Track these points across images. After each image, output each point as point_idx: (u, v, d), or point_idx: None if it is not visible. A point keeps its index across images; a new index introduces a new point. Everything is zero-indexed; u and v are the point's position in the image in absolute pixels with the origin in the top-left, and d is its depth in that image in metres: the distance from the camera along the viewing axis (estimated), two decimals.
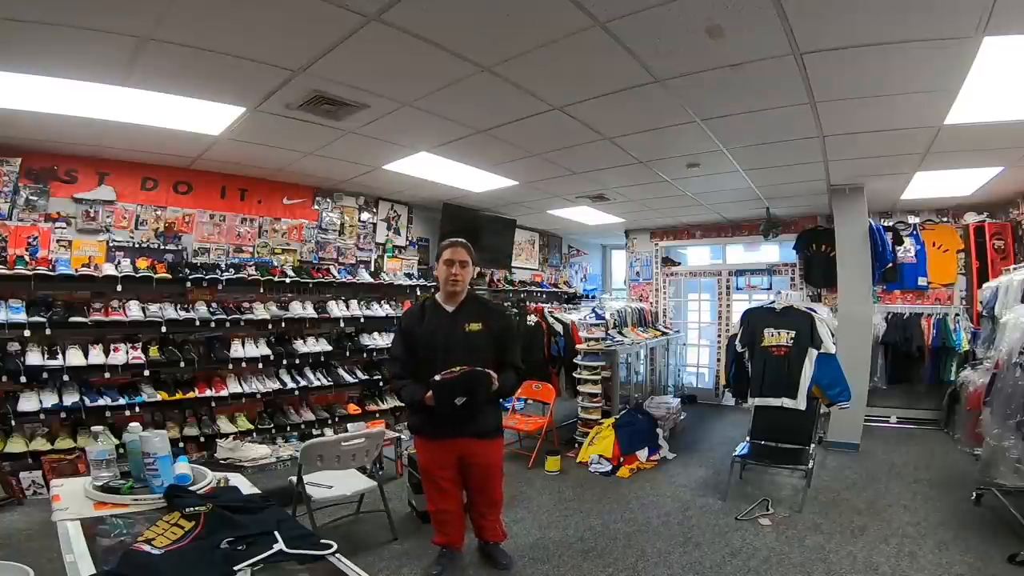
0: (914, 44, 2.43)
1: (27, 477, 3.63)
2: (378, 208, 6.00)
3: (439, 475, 2.68)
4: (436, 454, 2.67)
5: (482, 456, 2.67)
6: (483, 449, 2.66)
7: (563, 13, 2.23)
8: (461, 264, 2.64)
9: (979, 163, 4.38)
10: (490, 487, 2.76)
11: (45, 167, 3.95)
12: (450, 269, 2.62)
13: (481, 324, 2.65)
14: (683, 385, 7.75)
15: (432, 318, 2.67)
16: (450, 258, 2.63)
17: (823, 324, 3.90)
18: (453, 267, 2.62)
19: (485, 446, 2.67)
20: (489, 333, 2.66)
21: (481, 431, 2.64)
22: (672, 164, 4.57)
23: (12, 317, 3.53)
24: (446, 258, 2.64)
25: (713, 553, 3.05)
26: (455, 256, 2.63)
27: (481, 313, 2.70)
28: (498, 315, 2.82)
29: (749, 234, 7.39)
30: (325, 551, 1.43)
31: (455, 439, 2.60)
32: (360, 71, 2.82)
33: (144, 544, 1.36)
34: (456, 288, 2.65)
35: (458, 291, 2.67)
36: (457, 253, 2.64)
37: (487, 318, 2.69)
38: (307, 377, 4.92)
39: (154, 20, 2.25)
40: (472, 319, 2.65)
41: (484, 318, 2.68)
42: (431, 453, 2.69)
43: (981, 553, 2.93)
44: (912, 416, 6.05)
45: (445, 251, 2.66)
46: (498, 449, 2.78)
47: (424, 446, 2.72)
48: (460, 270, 2.63)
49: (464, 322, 2.64)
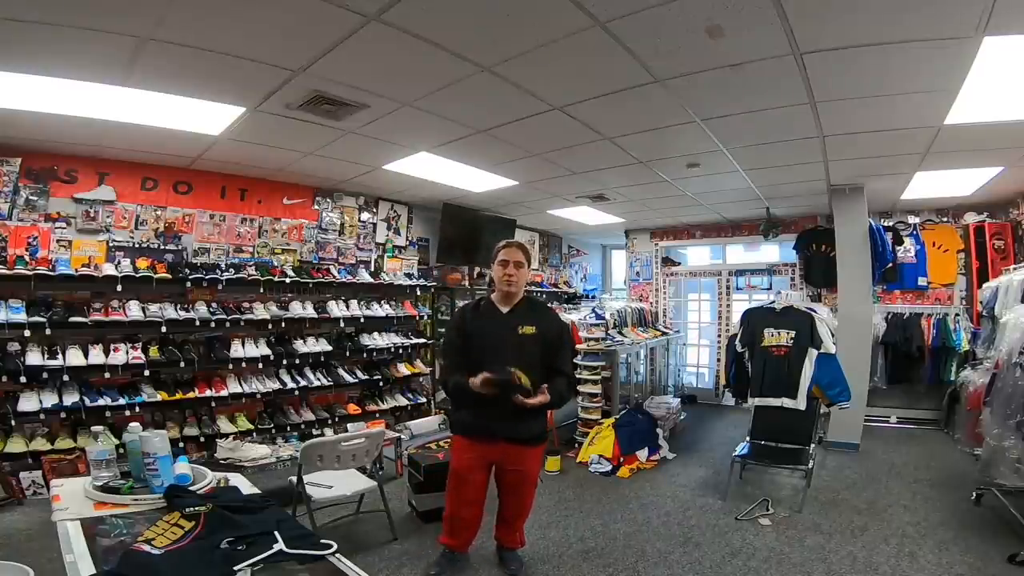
0: (914, 44, 2.43)
1: (27, 477, 3.63)
2: (378, 208, 6.00)
3: (470, 479, 2.60)
4: (472, 456, 2.58)
5: (520, 462, 2.61)
6: (523, 455, 2.60)
7: (563, 13, 2.23)
8: (516, 265, 2.59)
9: (979, 163, 4.38)
10: (522, 493, 2.71)
11: (45, 167, 3.95)
12: (505, 270, 2.58)
13: (535, 328, 2.58)
14: (683, 385, 7.75)
15: (486, 317, 2.63)
16: (505, 258, 2.59)
17: (823, 324, 3.91)
18: (508, 267, 2.58)
19: (525, 452, 2.60)
20: (541, 338, 2.59)
21: (525, 436, 2.57)
22: (672, 164, 4.56)
23: (12, 317, 3.52)
24: (501, 259, 2.60)
25: (713, 553, 3.05)
26: (510, 256, 2.59)
27: (535, 317, 2.64)
28: (553, 320, 2.77)
29: (749, 234, 7.39)
30: (325, 551, 1.43)
31: (496, 443, 2.53)
32: (360, 71, 2.82)
33: (144, 544, 1.36)
34: (511, 288, 2.60)
35: (513, 292, 2.62)
36: (513, 253, 2.60)
37: (541, 322, 2.63)
38: (307, 377, 4.92)
39: (154, 20, 2.25)
40: (526, 322, 2.59)
41: (538, 322, 2.61)
42: (467, 454, 2.60)
43: (981, 553, 2.93)
44: (912, 416, 6.05)
45: (501, 251, 2.62)
46: (538, 457, 2.73)
47: (462, 446, 2.63)
48: (515, 271, 2.58)
49: (517, 324, 2.58)
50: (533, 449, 2.64)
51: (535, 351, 2.56)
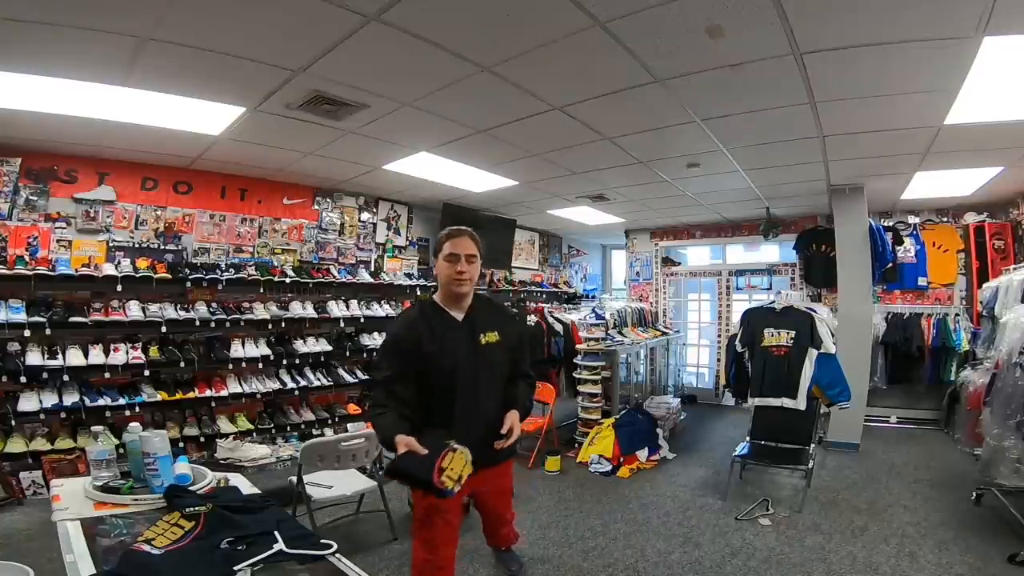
0: (914, 44, 2.43)
1: (27, 477, 3.63)
2: (378, 208, 6.00)
3: (447, 519, 2.10)
4: (441, 501, 1.96)
5: (494, 481, 2.24)
6: (496, 474, 2.20)
7: (563, 13, 2.22)
8: (468, 259, 2.03)
9: (979, 163, 4.38)
10: (502, 507, 2.43)
11: (45, 167, 3.95)
12: (455, 266, 2.01)
13: (497, 334, 2.12)
14: (683, 385, 7.75)
15: (441, 331, 2.05)
16: (454, 251, 2.02)
17: (823, 324, 3.91)
18: (459, 263, 2.02)
19: (498, 472, 2.21)
20: (505, 344, 2.14)
21: (495, 459, 2.12)
22: (672, 164, 4.56)
23: (12, 317, 3.53)
24: (449, 252, 2.03)
25: (713, 553, 3.05)
26: (460, 248, 2.03)
27: (495, 319, 2.17)
28: (511, 319, 2.40)
29: (749, 234, 7.39)
30: (325, 551, 1.43)
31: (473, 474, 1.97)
32: (360, 71, 2.82)
33: (144, 544, 1.36)
34: (462, 289, 2.06)
35: (464, 292, 2.08)
36: (463, 244, 2.04)
37: (501, 325, 2.17)
38: (307, 377, 4.92)
39: (154, 20, 2.25)
40: (487, 328, 2.11)
41: (499, 325, 2.16)
42: (434, 501, 1.98)
43: (981, 553, 2.93)
44: (912, 416, 6.05)
45: (447, 243, 2.05)
46: (510, 469, 2.39)
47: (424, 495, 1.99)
48: (467, 266, 2.02)
49: (479, 332, 2.09)
50: (506, 464, 2.30)
51: (503, 362, 2.14)
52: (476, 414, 2.03)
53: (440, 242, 2.09)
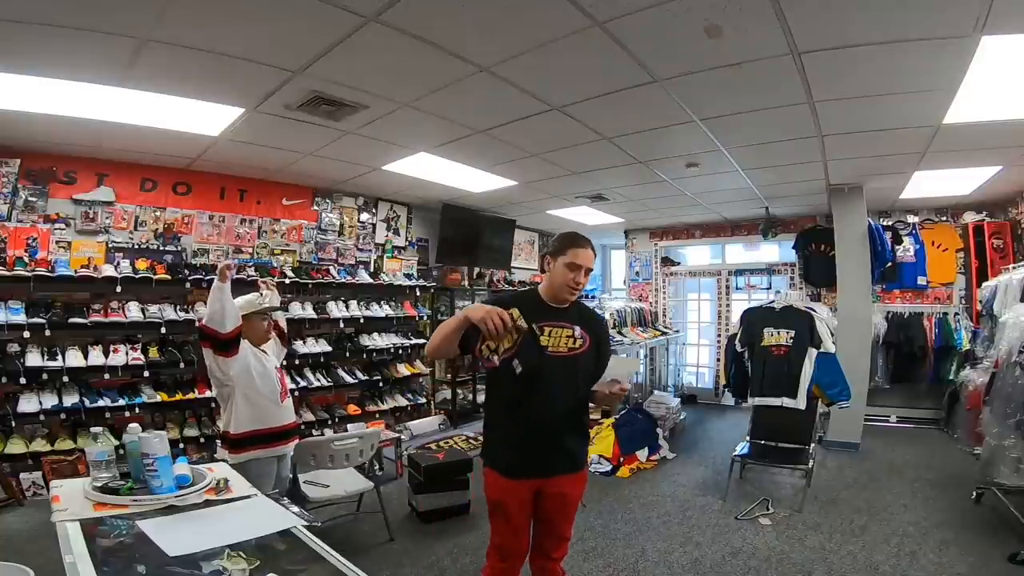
0: (912, 44, 2.43)
1: (27, 478, 3.63)
2: (377, 209, 6.00)
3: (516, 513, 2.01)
4: (511, 494, 2.00)
5: (564, 486, 2.05)
6: (568, 482, 2.07)
7: (562, 13, 2.22)
8: (587, 272, 2.03)
9: (978, 162, 4.38)
10: (560, 519, 2.11)
11: (44, 168, 3.95)
12: (574, 275, 1.99)
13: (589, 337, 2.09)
14: (683, 385, 7.75)
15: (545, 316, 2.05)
16: (577, 262, 1.99)
17: (822, 323, 3.91)
18: (578, 273, 1.99)
19: (571, 479, 2.07)
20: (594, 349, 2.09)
21: (570, 467, 2.04)
22: (671, 164, 4.57)
23: (11, 318, 3.53)
24: (571, 260, 1.98)
25: (713, 553, 3.05)
26: (584, 261, 1.99)
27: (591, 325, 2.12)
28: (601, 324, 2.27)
29: (748, 234, 7.40)
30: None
31: (537, 479, 1.99)
32: (359, 72, 2.82)
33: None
34: (573, 298, 2.06)
35: (573, 302, 2.08)
36: (586, 257, 2.01)
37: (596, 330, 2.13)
38: (307, 378, 4.92)
39: (154, 21, 2.25)
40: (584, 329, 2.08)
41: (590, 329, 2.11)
42: (505, 493, 2.01)
43: (981, 552, 2.93)
44: (912, 415, 6.05)
45: (571, 250, 1.99)
46: (583, 482, 2.17)
47: (497, 483, 2.02)
48: (584, 278, 2.03)
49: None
50: (579, 475, 2.12)
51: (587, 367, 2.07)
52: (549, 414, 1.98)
53: (564, 245, 2.04)
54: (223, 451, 2.65)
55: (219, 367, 2.49)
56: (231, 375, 2.51)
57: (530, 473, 1.97)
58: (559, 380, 1.96)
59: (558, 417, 1.96)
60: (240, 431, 2.55)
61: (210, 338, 2.45)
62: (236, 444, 2.55)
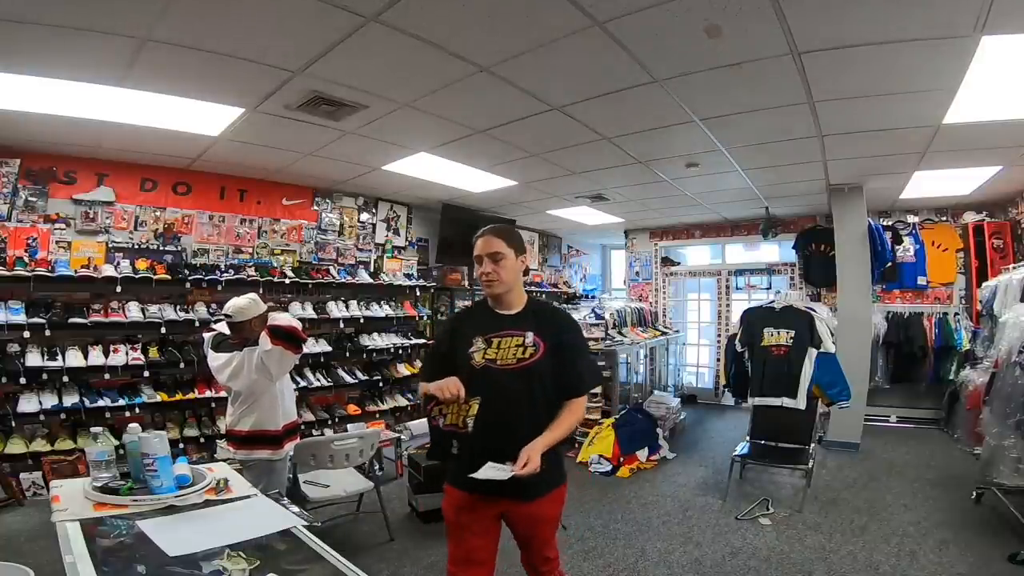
0: (912, 44, 2.43)
1: (27, 478, 3.63)
2: (377, 208, 6.00)
3: (472, 543, 1.81)
4: (465, 511, 1.80)
5: (531, 508, 1.83)
6: (536, 504, 1.83)
7: (562, 13, 2.22)
8: (493, 257, 1.81)
9: (978, 162, 4.38)
10: (538, 543, 1.92)
11: (44, 168, 3.95)
12: (481, 268, 1.84)
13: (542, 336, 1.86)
14: (683, 385, 7.75)
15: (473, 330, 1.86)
16: (476, 254, 1.85)
17: (822, 323, 3.91)
18: (483, 264, 1.83)
19: (540, 501, 1.84)
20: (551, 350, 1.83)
21: (541, 490, 1.80)
22: (671, 164, 4.57)
23: (11, 318, 3.52)
24: (475, 255, 1.86)
25: (713, 552, 3.05)
26: (482, 250, 1.83)
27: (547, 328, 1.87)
28: (560, 323, 1.95)
29: (748, 234, 7.40)
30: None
31: (500, 500, 1.78)
32: (359, 72, 2.82)
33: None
34: (495, 290, 1.84)
35: (498, 294, 1.85)
36: (484, 245, 1.83)
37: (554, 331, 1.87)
38: (307, 378, 4.91)
39: (153, 21, 2.25)
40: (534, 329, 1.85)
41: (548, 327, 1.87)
42: (459, 507, 1.81)
43: (981, 552, 2.93)
44: (912, 415, 6.05)
45: (474, 248, 1.87)
46: (558, 501, 1.93)
47: (451, 496, 1.84)
48: (493, 266, 1.81)
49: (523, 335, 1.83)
50: (554, 492, 1.90)
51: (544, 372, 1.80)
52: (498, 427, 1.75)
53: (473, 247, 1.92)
54: (225, 450, 2.69)
55: (277, 365, 2.62)
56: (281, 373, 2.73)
57: (488, 492, 1.71)
58: (510, 395, 1.74)
59: (513, 434, 1.69)
60: (279, 425, 2.75)
61: (297, 340, 2.69)
62: (244, 441, 2.68)
